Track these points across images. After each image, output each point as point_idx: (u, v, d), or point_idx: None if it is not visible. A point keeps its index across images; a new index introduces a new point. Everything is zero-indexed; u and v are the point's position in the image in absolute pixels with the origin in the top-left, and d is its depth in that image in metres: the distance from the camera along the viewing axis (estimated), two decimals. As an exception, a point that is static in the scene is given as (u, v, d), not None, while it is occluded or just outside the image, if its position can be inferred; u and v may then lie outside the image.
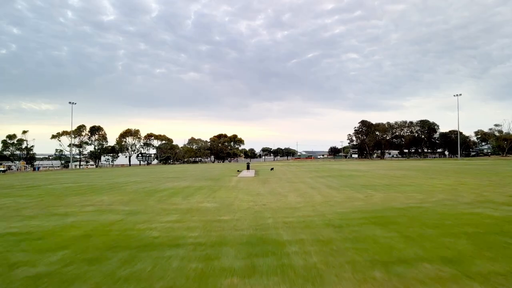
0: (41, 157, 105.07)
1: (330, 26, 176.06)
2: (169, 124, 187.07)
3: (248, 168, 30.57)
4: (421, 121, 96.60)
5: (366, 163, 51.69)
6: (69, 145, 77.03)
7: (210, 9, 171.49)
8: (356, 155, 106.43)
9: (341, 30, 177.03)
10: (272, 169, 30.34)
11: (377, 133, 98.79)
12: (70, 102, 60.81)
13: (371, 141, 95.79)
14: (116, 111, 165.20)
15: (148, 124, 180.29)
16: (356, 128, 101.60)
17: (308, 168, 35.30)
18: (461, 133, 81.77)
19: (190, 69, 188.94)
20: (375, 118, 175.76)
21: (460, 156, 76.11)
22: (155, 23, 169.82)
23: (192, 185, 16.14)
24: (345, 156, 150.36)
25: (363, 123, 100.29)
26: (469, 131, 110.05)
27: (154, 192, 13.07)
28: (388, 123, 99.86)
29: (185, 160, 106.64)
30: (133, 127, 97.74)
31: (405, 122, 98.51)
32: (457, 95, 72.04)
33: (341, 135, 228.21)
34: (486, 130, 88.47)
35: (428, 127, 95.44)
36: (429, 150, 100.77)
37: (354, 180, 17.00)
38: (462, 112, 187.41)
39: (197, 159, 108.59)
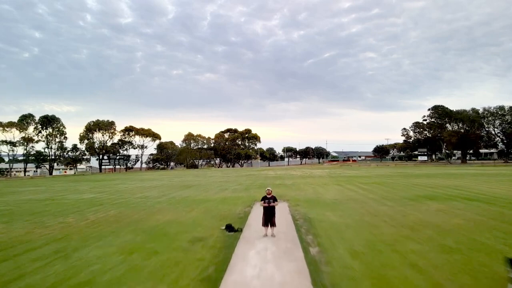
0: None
1: (347, 25, 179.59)
2: (184, 125, 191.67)
3: (269, 219, 6.12)
4: (527, 105, 67.26)
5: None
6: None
7: (225, 9, 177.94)
8: (424, 157, 77.66)
9: (358, 28, 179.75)
10: None
11: (457, 125, 70.70)
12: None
13: (453, 136, 66.54)
14: (134, 112, 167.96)
15: (165, 125, 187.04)
16: (426, 116, 73.14)
17: None
18: None
19: (206, 70, 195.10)
20: (394, 118, 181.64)
21: None
22: (172, 25, 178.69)
23: None
24: (393, 158, 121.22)
25: (436, 109, 71.90)
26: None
27: None
28: (473, 109, 70.91)
29: (189, 162, 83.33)
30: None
31: (502, 107, 69.12)
32: None
33: (367, 134, 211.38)
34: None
35: (539, 114, 66.17)
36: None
37: None
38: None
39: (196, 163, 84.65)
